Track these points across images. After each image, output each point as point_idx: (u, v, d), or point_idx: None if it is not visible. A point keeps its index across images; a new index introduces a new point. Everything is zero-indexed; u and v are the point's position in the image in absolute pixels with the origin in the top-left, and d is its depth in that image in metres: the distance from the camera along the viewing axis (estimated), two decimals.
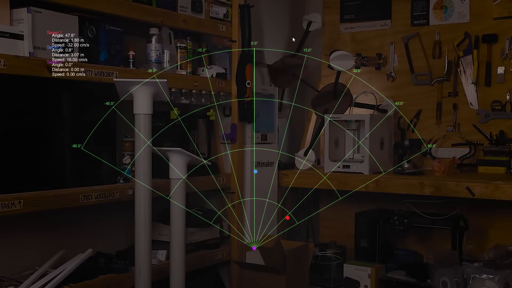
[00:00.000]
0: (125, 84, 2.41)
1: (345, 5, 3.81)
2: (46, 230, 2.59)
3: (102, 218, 2.81)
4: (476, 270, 2.87)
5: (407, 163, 3.24)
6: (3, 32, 2.20)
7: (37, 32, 2.29)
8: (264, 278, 2.98)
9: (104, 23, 2.62)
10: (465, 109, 3.40)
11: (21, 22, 2.26)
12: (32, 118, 2.35)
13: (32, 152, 2.33)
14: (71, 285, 2.37)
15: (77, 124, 2.51)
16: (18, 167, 2.29)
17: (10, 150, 2.26)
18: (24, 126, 2.32)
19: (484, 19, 3.34)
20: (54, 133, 2.43)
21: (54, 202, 2.33)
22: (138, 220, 2.41)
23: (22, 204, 2.18)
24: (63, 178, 2.44)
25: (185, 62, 3.02)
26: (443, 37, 3.46)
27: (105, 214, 2.79)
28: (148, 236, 2.42)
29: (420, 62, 3.54)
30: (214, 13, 3.15)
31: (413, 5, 3.55)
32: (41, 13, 2.32)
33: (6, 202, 2.13)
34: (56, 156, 2.44)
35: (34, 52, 2.28)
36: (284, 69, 3.59)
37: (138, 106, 2.40)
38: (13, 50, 2.22)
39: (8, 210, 2.14)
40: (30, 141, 2.33)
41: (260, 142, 3.32)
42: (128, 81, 2.42)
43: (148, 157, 2.41)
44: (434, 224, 3.13)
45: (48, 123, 2.40)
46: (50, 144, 2.41)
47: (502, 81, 3.29)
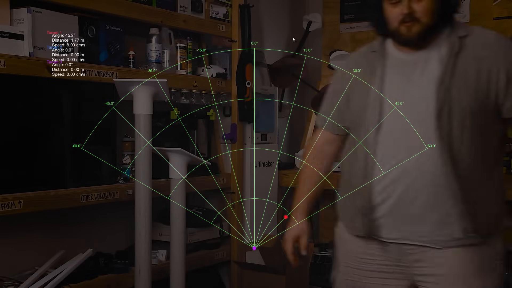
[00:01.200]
0: (125, 84, 2.41)
1: (345, 5, 3.81)
2: (46, 230, 2.59)
3: (102, 218, 2.80)
4: None
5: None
6: (3, 32, 2.20)
7: (37, 32, 2.29)
8: (264, 278, 2.98)
9: (104, 23, 2.62)
10: None
11: (21, 22, 2.26)
12: (32, 118, 2.35)
13: (32, 152, 2.33)
14: (71, 285, 2.37)
15: (77, 124, 2.51)
16: (18, 167, 2.29)
17: (10, 150, 2.26)
18: (24, 126, 2.32)
19: (484, 19, 3.34)
20: (54, 133, 2.43)
21: (54, 202, 2.33)
22: (138, 220, 2.41)
23: (22, 204, 2.18)
24: (63, 178, 2.44)
25: (185, 62, 3.02)
26: None
27: (105, 214, 2.79)
28: (148, 236, 2.42)
29: None
30: (214, 13, 3.15)
31: None
32: (41, 13, 2.32)
33: (6, 202, 2.13)
34: (56, 156, 2.43)
35: (34, 52, 2.28)
36: (284, 69, 3.58)
37: (138, 106, 2.40)
38: (13, 50, 2.22)
39: (8, 210, 2.14)
40: (30, 141, 2.33)
41: (260, 142, 3.32)
42: (128, 81, 2.42)
43: (148, 157, 2.41)
44: None
45: (48, 123, 2.40)
46: (50, 144, 2.41)
47: None
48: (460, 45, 1.69)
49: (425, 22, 1.68)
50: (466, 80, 1.66)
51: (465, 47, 1.69)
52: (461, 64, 1.67)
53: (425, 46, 1.72)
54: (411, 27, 1.68)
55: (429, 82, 1.68)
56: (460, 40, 1.70)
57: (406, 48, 1.75)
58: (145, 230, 2.41)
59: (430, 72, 1.69)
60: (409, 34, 1.69)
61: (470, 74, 1.66)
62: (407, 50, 1.75)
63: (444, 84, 1.66)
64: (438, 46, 1.71)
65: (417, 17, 1.67)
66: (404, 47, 1.75)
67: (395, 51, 1.78)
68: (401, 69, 1.74)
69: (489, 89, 1.67)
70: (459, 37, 1.70)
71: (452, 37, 1.70)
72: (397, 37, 1.73)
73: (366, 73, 1.80)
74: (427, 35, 1.70)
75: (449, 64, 1.67)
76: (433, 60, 1.70)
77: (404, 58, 1.75)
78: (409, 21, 1.67)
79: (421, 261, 1.74)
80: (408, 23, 1.67)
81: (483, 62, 1.67)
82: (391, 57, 1.78)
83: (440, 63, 1.68)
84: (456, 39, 1.70)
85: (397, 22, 1.69)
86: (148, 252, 2.43)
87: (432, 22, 1.68)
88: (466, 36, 1.71)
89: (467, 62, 1.67)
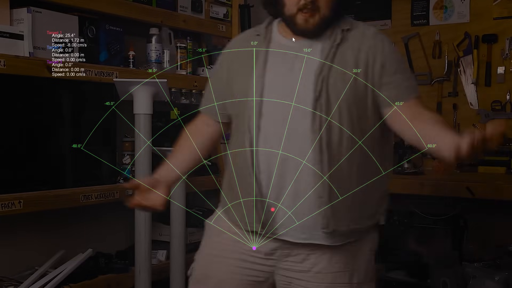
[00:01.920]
0: (125, 84, 2.41)
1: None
2: (46, 230, 2.59)
3: (102, 218, 2.80)
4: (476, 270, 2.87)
5: (407, 163, 3.23)
6: (3, 32, 2.20)
7: (37, 32, 2.29)
8: None
9: (104, 23, 2.62)
10: (465, 109, 3.40)
11: (21, 22, 2.27)
12: (32, 118, 2.35)
13: (32, 152, 2.33)
14: (71, 285, 2.37)
15: (77, 124, 2.52)
16: (18, 167, 2.29)
17: (10, 150, 2.26)
18: (24, 126, 2.33)
19: (484, 19, 3.34)
20: (54, 133, 2.43)
21: (54, 202, 2.33)
22: (138, 220, 2.41)
23: (22, 204, 2.18)
24: (63, 178, 2.44)
25: (185, 62, 3.02)
26: (443, 37, 3.45)
27: (105, 214, 2.79)
28: (148, 236, 2.42)
29: (420, 62, 3.54)
30: (214, 13, 3.16)
31: (413, 5, 3.55)
32: (41, 13, 2.32)
33: (6, 202, 2.13)
34: (56, 156, 2.44)
35: (34, 52, 2.28)
36: None
37: (138, 106, 2.40)
38: (13, 50, 2.22)
39: (8, 210, 2.14)
40: (30, 141, 2.33)
41: None
42: (128, 81, 2.42)
43: (148, 157, 2.41)
44: (434, 224, 3.12)
45: (48, 123, 2.41)
46: (50, 144, 2.41)
47: (502, 81, 3.28)
48: (342, 38, 1.70)
49: (324, 14, 1.67)
50: (344, 71, 1.66)
51: (346, 39, 1.70)
52: (341, 55, 1.68)
53: (316, 37, 1.70)
54: (310, 18, 1.66)
55: (309, 71, 1.66)
56: (343, 33, 1.70)
57: (293, 35, 1.72)
58: (145, 230, 2.41)
59: (311, 61, 1.68)
60: (306, 25, 1.67)
61: (349, 65, 1.66)
62: (292, 37, 1.72)
63: (322, 73, 1.65)
64: (323, 37, 1.70)
65: (319, 6, 1.65)
66: (294, 35, 1.72)
67: (279, 37, 1.75)
68: (284, 56, 1.71)
69: (366, 81, 1.68)
70: (342, 30, 1.71)
71: (337, 30, 1.71)
72: (292, 25, 1.70)
73: (248, 58, 1.75)
74: (323, 27, 1.69)
75: (329, 55, 1.67)
76: (316, 50, 1.69)
77: (288, 44, 1.73)
78: (309, 9, 1.65)
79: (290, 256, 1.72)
80: (308, 12, 1.65)
81: (361, 54, 1.68)
82: (275, 43, 1.75)
83: (321, 53, 1.68)
84: (340, 31, 1.70)
85: (296, 8, 1.66)
86: (148, 252, 2.43)
87: (330, 15, 1.68)
88: (349, 30, 1.72)
89: (347, 54, 1.68)
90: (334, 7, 1.68)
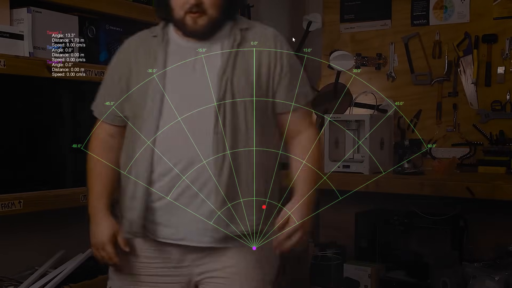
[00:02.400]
0: None
1: (345, 5, 3.81)
2: (46, 230, 2.58)
3: None
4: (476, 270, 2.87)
5: (407, 163, 3.24)
6: (3, 32, 2.20)
7: (37, 32, 2.29)
8: None
9: (104, 23, 2.62)
10: (465, 109, 3.40)
11: (21, 22, 2.27)
12: (32, 118, 2.35)
13: (32, 152, 2.33)
14: (71, 285, 2.37)
15: (77, 124, 2.51)
16: (18, 167, 2.29)
17: (10, 150, 2.26)
18: (24, 126, 2.32)
19: (484, 19, 3.34)
20: (54, 133, 2.43)
21: (54, 202, 2.33)
22: None
23: (22, 204, 2.18)
24: (63, 178, 2.44)
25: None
26: (443, 37, 3.46)
27: None
28: None
29: (420, 62, 3.54)
30: None
31: (413, 5, 3.55)
32: (41, 13, 2.32)
33: (6, 202, 2.13)
34: (56, 156, 2.43)
35: (34, 52, 2.28)
36: None
37: None
38: (13, 50, 2.22)
39: (8, 210, 2.14)
40: (30, 141, 2.33)
41: None
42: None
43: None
44: (434, 224, 3.13)
45: (48, 123, 2.40)
46: (50, 144, 2.41)
47: (502, 81, 3.29)
48: (241, 37, 1.70)
49: (212, 15, 1.67)
50: (247, 72, 1.67)
51: (246, 39, 1.71)
52: (243, 55, 1.69)
53: (209, 37, 1.71)
54: (197, 18, 1.66)
55: (210, 72, 1.67)
56: (241, 32, 1.71)
57: (187, 37, 1.73)
58: None
59: (212, 62, 1.68)
60: (195, 26, 1.67)
61: (250, 66, 1.67)
62: (190, 39, 1.73)
63: (225, 74, 1.65)
64: (221, 37, 1.71)
65: (205, 8, 1.65)
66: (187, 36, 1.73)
67: (177, 38, 1.76)
68: (183, 57, 1.71)
69: (268, 82, 1.70)
70: (240, 29, 1.72)
71: (235, 29, 1.71)
72: (182, 27, 1.70)
73: (147, 59, 1.74)
74: (213, 28, 1.69)
75: (231, 56, 1.67)
76: (216, 50, 1.70)
77: (186, 45, 1.73)
78: (196, 12, 1.65)
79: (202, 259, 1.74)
80: (195, 14, 1.65)
81: (262, 55, 1.69)
82: (174, 44, 1.75)
83: (222, 54, 1.68)
84: (238, 31, 1.71)
85: (183, 11, 1.67)
86: None
87: (219, 15, 1.68)
88: (248, 29, 1.73)
89: (249, 54, 1.69)
90: (221, 8, 1.68)
